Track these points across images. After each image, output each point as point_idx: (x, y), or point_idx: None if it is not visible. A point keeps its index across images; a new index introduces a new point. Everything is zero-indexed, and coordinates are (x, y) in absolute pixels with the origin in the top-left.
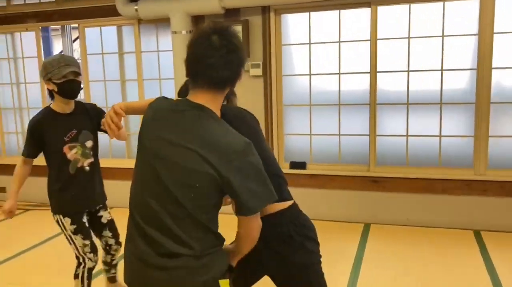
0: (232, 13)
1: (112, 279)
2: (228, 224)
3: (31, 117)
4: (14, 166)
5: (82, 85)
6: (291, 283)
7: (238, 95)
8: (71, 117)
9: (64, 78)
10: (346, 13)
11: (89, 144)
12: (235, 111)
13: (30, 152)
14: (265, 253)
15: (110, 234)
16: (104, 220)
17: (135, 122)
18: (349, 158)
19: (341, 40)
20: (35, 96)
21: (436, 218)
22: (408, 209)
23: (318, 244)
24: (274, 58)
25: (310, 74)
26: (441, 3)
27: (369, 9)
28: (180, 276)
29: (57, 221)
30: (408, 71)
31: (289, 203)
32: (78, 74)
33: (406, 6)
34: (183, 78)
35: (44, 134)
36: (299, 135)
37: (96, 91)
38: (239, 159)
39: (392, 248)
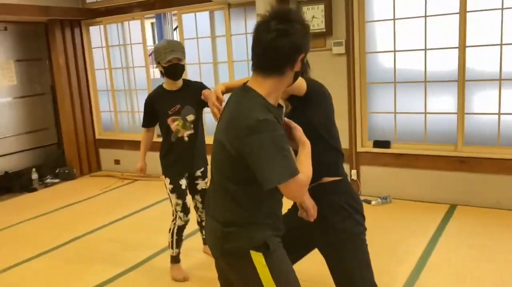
0: None
1: (204, 241)
2: None
3: (139, 97)
4: (126, 141)
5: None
6: (338, 251)
7: (321, 73)
8: (177, 94)
9: (169, 62)
10: None
11: (190, 117)
12: (317, 87)
13: (145, 123)
14: (317, 221)
15: (200, 199)
16: (198, 187)
17: None
18: (435, 137)
19: (427, 14)
20: (142, 79)
21: None
22: (499, 191)
23: (364, 218)
24: (357, 36)
25: (394, 51)
26: None
27: None
28: (210, 237)
29: (164, 181)
30: (501, 44)
31: (343, 177)
32: (180, 59)
33: None
34: None
35: (154, 108)
36: (383, 114)
37: (192, 73)
38: (250, 135)
39: (476, 231)
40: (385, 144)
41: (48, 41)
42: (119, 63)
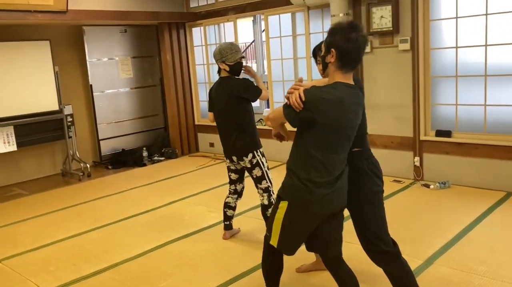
0: None
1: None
2: None
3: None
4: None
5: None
6: (359, 205)
7: (387, 68)
8: None
9: (235, 61)
10: None
11: None
12: (360, 82)
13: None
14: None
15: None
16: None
17: None
18: (495, 127)
19: (488, 12)
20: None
21: None
22: None
23: (382, 181)
24: (421, 33)
25: (456, 47)
26: None
27: None
28: None
29: (259, 158)
30: None
31: (364, 149)
32: (243, 57)
33: None
34: None
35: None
36: (446, 106)
37: (275, 68)
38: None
39: None
40: (447, 134)
41: (158, 41)
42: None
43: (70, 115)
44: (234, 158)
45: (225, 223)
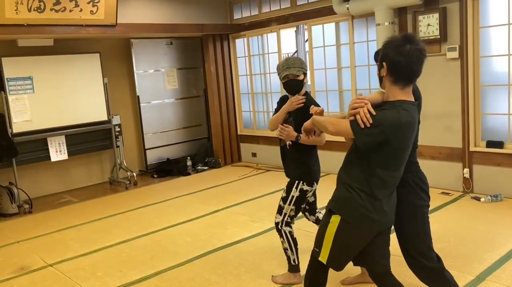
0: (431, 2)
1: None
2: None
3: (273, 99)
4: (262, 137)
5: (305, 81)
6: (401, 218)
7: (435, 77)
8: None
9: (285, 78)
10: None
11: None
12: (418, 91)
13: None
14: None
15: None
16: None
17: None
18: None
19: None
20: (277, 84)
21: None
22: None
23: (428, 196)
24: (471, 41)
25: (509, 55)
26: None
27: None
28: None
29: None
30: None
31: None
32: (296, 74)
33: None
34: None
35: None
36: (497, 115)
37: (319, 78)
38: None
39: None
40: (499, 144)
41: (203, 53)
42: (258, 69)
43: (118, 125)
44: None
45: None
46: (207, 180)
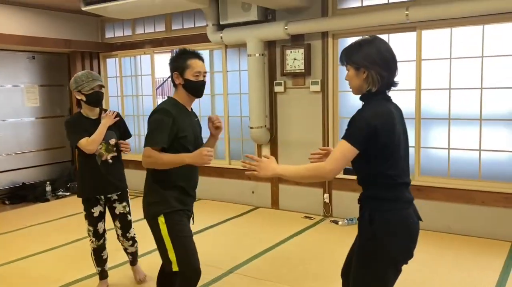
0: (297, 38)
1: (131, 262)
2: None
3: (145, 122)
4: (131, 161)
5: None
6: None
7: (300, 108)
8: (98, 121)
9: (92, 90)
10: (393, 36)
11: (112, 141)
12: None
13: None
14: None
15: (118, 225)
16: (116, 211)
17: None
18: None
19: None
20: (149, 106)
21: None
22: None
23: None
24: (331, 76)
25: None
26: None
27: (415, 32)
28: None
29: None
30: (450, 89)
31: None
32: (102, 86)
33: (447, 30)
34: (255, 93)
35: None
36: None
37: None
38: None
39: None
40: (353, 172)
41: (70, 70)
42: (130, 91)
43: None
44: (115, 196)
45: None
46: (69, 207)
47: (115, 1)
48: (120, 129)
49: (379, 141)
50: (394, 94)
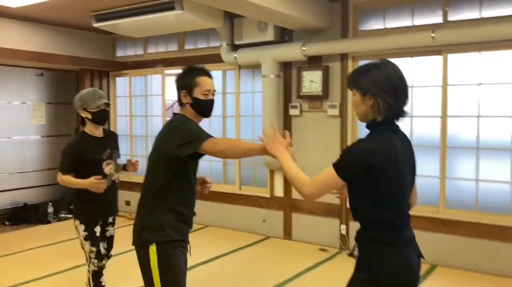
0: (315, 59)
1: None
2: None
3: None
4: (138, 183)
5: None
6: None
7: (316, 133)
8: (103, 140)
9: (98, 108)
10: (418, 60)
11: (119, 161)
12: None
13: (69, 169)
14: None
15: (105, 246)
16: (107, 234)
17: None
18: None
19: (413, 85)
20: (158, 126)
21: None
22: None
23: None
24: (350, 100)
25: None
26: None
27: (441, 56)
28: None
29: (76, 226)
30: (478, 116)
31: None
32: (108, 105)
33: (476, 53)
34: (269, 115)
35: (82, 154)
36: None
37: (204, 125)
38: None
39: None
40: None
41: (78, 88)
42: (139, 111)
43: None
44: (111, 219)
45: None
46: (70, 230)
47: (127, 18)
48: (118, 149)
49: (371, 180)
50: (418, 122)
